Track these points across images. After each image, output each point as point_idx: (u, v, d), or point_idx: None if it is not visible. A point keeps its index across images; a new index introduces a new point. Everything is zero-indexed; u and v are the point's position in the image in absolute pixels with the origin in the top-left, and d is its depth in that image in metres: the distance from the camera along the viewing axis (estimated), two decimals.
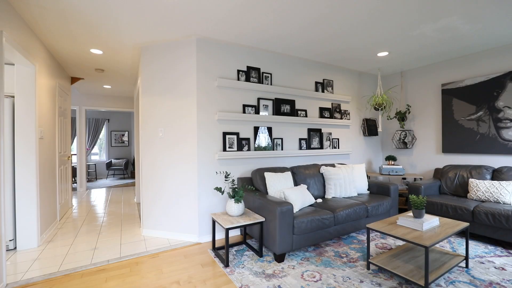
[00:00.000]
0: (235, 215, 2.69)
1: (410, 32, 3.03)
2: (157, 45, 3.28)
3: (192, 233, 3.13)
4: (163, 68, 3.26)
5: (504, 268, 2.38)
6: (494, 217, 2.75)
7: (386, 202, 3.31)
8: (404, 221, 2.34)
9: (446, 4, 2.44)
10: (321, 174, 3.56)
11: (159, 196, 3.27)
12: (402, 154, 4.73)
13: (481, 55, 3.72)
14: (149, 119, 3.32)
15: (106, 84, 5.47)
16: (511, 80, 3.41)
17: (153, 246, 2.98)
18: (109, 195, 5.93)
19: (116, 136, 9.22)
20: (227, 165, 3.29)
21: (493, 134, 3.57)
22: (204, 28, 2.87)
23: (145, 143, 3.34)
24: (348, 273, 2.31)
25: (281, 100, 3.72)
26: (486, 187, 3.16)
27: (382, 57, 3.92)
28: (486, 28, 2.95)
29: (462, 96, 3.88)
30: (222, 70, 3.29)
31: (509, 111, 3.43)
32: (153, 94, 3.30)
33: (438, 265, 2.22)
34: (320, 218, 2.70)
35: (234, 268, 2.44)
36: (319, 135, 4.12)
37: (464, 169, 3.56)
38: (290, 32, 3.00)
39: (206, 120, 3.16)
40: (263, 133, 3.55)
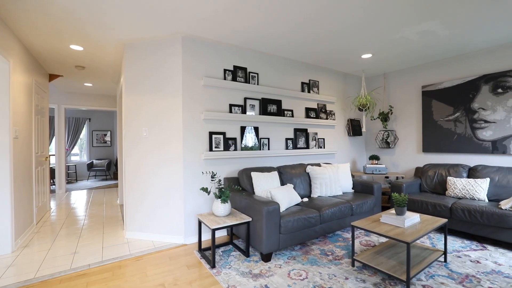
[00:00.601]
0: (221, 215, 2.67)
1: (392, 35, 3.13)
2: (141, 42, 3.20)
3: (178, 235, 3.08)
4: (147, 66, 3.18)
5: (479, 261, 2.50)
6: (470, 213, 2.89)
7: (370, 200, 3.39)
8: (387, 219, 2.41)
9: (427, 10, 2.54)
10: (307, 174, 3.60)
11: (143, 197, 3.19)
12: (385, 154, 4.87)
13: (458, 58, 3.89)
14: (132, 118, 3.23)
15: (87, 82, 5.28)
16: (485, 83, 3.59)
17: (137, 249, 2.90)
18: (91, 197, 5.72)
19: (98, 136, 8.92)
20: (213, 165, 3.26)
21: (469, 134, 3.75)
22: (190, 26, 2.83)
23: (129, 143, 3.25)
24: (334, 271, 2.35)
25: (268, 100, 3.73)
26: (463, 184, 3.31)
27: (366, 59, 4.02)
28: (463, 33, 3.09)
29: (441, 98, 4.05)
30: (208, 69, 3.25)
31: (484, 113, 3.61)
32: (137, 93, 3.21)
33: (419, 260, 2.30)
34: (306, 217, 2.73)
35: (220, 269, 2.42)
36: (305, 135, 4.17)
37: (442, 168, 3.71)
38: (277, 33, 3.02)
39: (192, 119, 3.12)
40: (250, 133, 3.55)
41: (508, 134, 3.40)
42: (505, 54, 3.44)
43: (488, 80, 3.56)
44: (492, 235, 2.77)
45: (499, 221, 2.69)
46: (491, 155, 3.57)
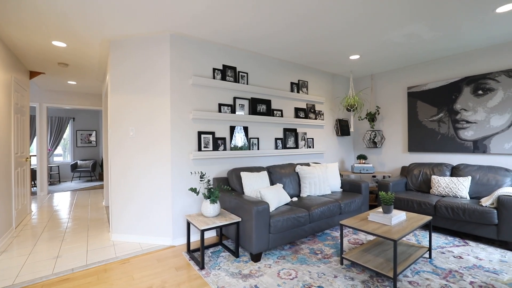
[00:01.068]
0: (210, 216, 2.64)
1: (380, 37, 3.19)
2: (128, 40, 3.12)
3: (166, 236, 3.02)
4: (134, 64, 3.11)
5: (461, 256, 2.58)
6: (453, 210, 2.98)
7: (358, 199, 3.44)
8: (375, 217, 2.45)
9: (412, 13, 2.60)
10: (297, 173, 3.62)
11: (130, 199, 3.11)
12: (372, 153, 4.97)
13: (441, 61, 4.02)
14: (119, 117, 3.15)
15: (70, 80, 5.10)
16: (467, 85, 3.72)
17: (123, 252, 2.82)
18: (75, 199, 5.54)
19: (83, 135, 8.65)
20: (202, 165, 3.22)
21: (452, 134, 3.88)
22: (178, 24, 2.79)
23: (115, 143, 3.16)
24: (323, 269, 2.36)
25: (257, 100, 3.72)
26: (446, 183, 3.41)
27: (354, 60, 4.08)
28: (446, 36, 3.19)
29: (425, 99, 4.16)
30: (197, 68, 3.21)
31: (465, 113, 3.74)
32: (123, 92, 3.13)
33: (405, 257, 2.35)
34: (295, 216, 2.74)
35: (210, 270, 2.39)
36: (295, 135, 4.19)
37: (427, 167, 3.82)
38: (266, 32, 3.01)
39: (180, 119, 3.07)
40: (239, 133, 3.53)
41: (488, 134, 3.54)
42: (485, 57, 3.58)
43: (470, 82, 3.69)
44: (474, 231, 2.87)
45: (480, 218, 2.79)
46: (473, 154, 3.71)
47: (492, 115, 3.50)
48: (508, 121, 3.37)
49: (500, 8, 2.55)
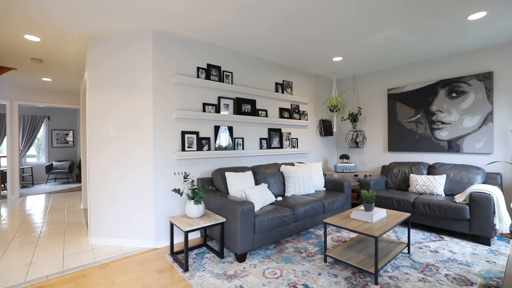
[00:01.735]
0: (195, 217, 2.60)
1: (361, 39, 3.28)
2: (108, 36, 3.01)
3: (148, 239, 2.94)
4: (115, 61, 3.00)
5: (437, 251, 2.70)
6: (429, 207, 3.12)
7: (340, 197, 3.52)
8: (357, 215, 2.51)
9: (392, 17, 2.69)
10: (281, 173, 3.65)
11: (110, 200, 3.00)
12: (354, 153, 5.10)
13: (419, 64, 4.20)
14: (98, 116, 3.02)
15: (45, 76, 4.85)
16: (442, 87, 3.91)
17: (103, 256, 2.71)
18: (50, 202, 5.26)
19: (59, 135, 8.24)
20: (186, 165, 3.17)
21: (428, 134, 4.06)
22: (161, 21, 2.72)
23: (94, 142, 3.03)
24: (307, 267, 2.39)
25: (242, 100, 3.71)
26: (423, 181, 3.57)
27: (337, 62, 4.17)
28: (423, 41, 3.34)
29: (404, 100, 4.33)
30: (180, 66, 3.15)
31: (441, 115, 3.93)
32: (103, 90, 3.01)
33: (385, 252, 2.43)
34: (280, 215, 2.76)
35: (194, 272, 2.35)
36: (279, 135, 4.22)
37: (406, 166, 3.98)
38: (252, 32, 3.01)
39: (163, 118, 3.00)
40: (224, 133, 3.51)
41: (461, 134, 3.74)
42: (459, 62, 3.78)
43: (444, 85, 3.88)
44: (448, 227, 3.02)
45: (454, 214, 2.94)
46: (447, 154, 3.90)
47: (465, 116, 3.70)
48: (479, 122, 3.58)
49: (472, 16, 2.70)
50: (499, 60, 3.45)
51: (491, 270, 2.30)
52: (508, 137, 3.38)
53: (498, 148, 3.46)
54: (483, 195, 2.81)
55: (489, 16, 2.70)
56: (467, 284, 2.09)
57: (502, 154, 3.43)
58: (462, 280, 2.14)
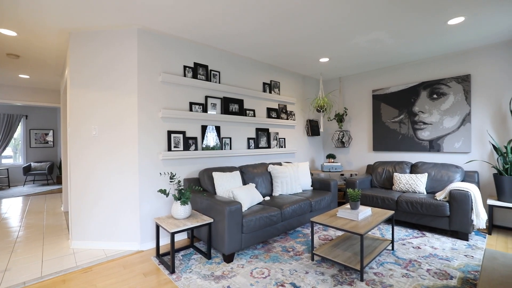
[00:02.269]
0: (181, 218, 2.56)
1: (347, 41, 3.34)
2: (91, 32, 2.91)
3: (133, 241, 2.86)
4: (98, 58, 2.90)
5: (419, 247, 2.79)
6: (412, 205, 3.22)
7: (327, 196, 3.57)
8: (343, 213, 2.55)
9: (376, 20, 2.76)
10: (269, 173, 3.66)
11: (93, 202, 2.90)
12: (341, 153, 5.19)
13: (402, 66, 4.33)
14: (80, 115, 2.91)
15: (22, 73, 4.62)
16: (424, 89, 4.05)
17: (85, 260, 2.62)
18: (28, 205, 5.03)
19: (37, 135, 7.89)
20: (172, 165, 3.11)
21: (411, 134, 4.19)
22: (146, 17, 2.66)
23: (75, 142, 2.92)
24: (295, 266, 2.41)
25: (230, 99, 3.69)
26: (406, 179, 3.68)
27: (323, 63, 4.23)
28: (406, 44, 3.44)
29: (388, 101, 4.45)
30: (167, 64, 3.09)
31: (422, 115, 4.07)
32: (85, 87, 2.91)
33: (371, 250, 2.49)
34: (268, 215, 2.76)
35: (180, 273, 2.31)
36: (267, 134, 4.23)
37: (390, 165, 4.08)
38: (239, 31, 3.00)
39: (148, 117, 2.93)
40: (211, 132, 3.47)
41: (441, 134, 3.88)
42: (439, 65, 3.93)
43: (426, 87, 4.02)
44: (430, 223, 3.13)
45: (435, 211, 3.05)
46: (429, 153, 4.04)
47: (445, 117, 3.85)
48: (458, 123, 3.73)
49: (451, 21, 2.81)
50: (476, 63, 3.61)
51: (469, 264, 2.40)
52: (484, 137, 3.55)
53: (475, 148, 3.62)
54: (461, 193, 2.93)
55: (467, 21, 2.82)
56: (447, 278, 2.17)
57: (479, 153, 3.59)
58: (443, 275, 2.22)
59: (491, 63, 3.49)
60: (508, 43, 3.36)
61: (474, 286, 2.04)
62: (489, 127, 3.51)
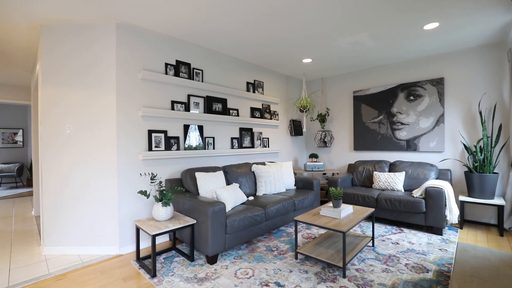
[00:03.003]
0: (163, 219, 2.48)
1: (330, 43, 3.40)
2: (65, 26, 2.75)
3: (112, 245, 2.74)
4: (72, 52, 2.75)
5: (398, 242, 2.90)
6: (391, 202, 3.34)
7: (310, 195, 3.62)
8: (326, 211, 2.59)
9: (358, 23, 2.83)
10: (253, 172, 3.64)
11: (67, 205, 2.74)
12: (323, 152, 5.29)
13: (382, 69, 4.48)
14: (53, 113, 2.75)
15: None
16: (401, 91, 4.21)
17: (58, 266, 2.47)
18: None
19: (5, 135, 7.38)
20: (153, 165, 3.02)
21: (389, 134, 4.35)
22: (125, 12, 2.56)
23: (48, 142, 2.75)
24: (279, 265, 2.41)
25: (213, 98, 3.64)
26: (385, 178, 3.81)
27: (306, 63, 4.29)
28: (385, 47, 3.56)
29: (368, 102, 4.59)
30: (147, 61, 2.99)
31: (400, 116, 4.23)
32: (58, 84, 2.74)
33: (352, 247, 2.54)
34: (252, 215, 2.75)
35: (162, 277, 2.24)
36: (251, 134, 4.21)
37: (370, 164, 4.21)
38: (223, 30, 2.96)
39: (128, 115, 2.82)
40: (194, 132, 3.41)
41: (417, 134, 4.06)
42: (416, 68, 4.10)
43: (403, 89, 4.19)
44: (407, 220, 3.25)
45: (412, 207, 3.18)
46: (406, 152, 4.21)
47: (421, 118, 4.02)
48: (433, 123, 3.91)
49: (427, 26, 2.94)
50: (449, 67, 3.81)
51: (443, 257, 2.52)
52: (456, 137, 3.75)
53: (448, 147, 3.81)
54: (436, 190, 3.07)
55: (441, 27, 2.96)
56: (424, 271, 2.26)
57: (451, 152, 3.79)
58: (420, 268, 2.31)
59: (463, 67, 3.70)
60: (477, 49, 3.58)
61: (448, 278, 2.15)
62: (460, 127, 3.72)
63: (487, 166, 3.23)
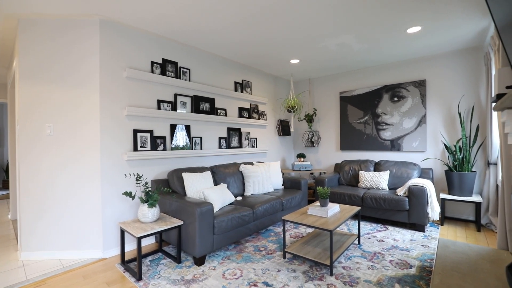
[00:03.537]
0: (149, 221, 2.42)
1: (317, 43, 3.44)
2: (44, 20, 2.63)
3: (95, 248, 2.65)
4: (53, 49, 2.64)
5: (383, 240, 2.97)
6: (376, 201, 3.42)
7: (298, 195, 3.65)
8: (313, 210, 2.62)
9: (345, 25, 2.87)
10: (241, 173, 3.63)
11: (47, 208, 2.63)
12: (310, 152, 5.34)
13: (367, 70, 4.58)
14: (31, 112, 2.63)
15: None
16: (386, 92, 4.33)
17: (37, 272, 2.36)
18: None
19: None
20: (139, 166, 2.95)
21: (374, 134, 4.45)
22: (109, 7, 2.48)
23: (26, 142, 2.62)
24: (267, 265, 2.42)
25: (201, 98, 3.60)
26: (371, 177, 3.90)
27: (294, 64, 4.32)
28: (371, 49, 3.64)
29: (354, 103, 4.68)
30: (132, 59, 2.92)
31: (385, 117, 4.34)
32: (37, 81, 2.63)
33: (339, 245, 2.58)
34: (240, 215, 2.74)
35: (148, 280, 2.19)
36: (239, 134, 4.20)
37: (355, 163, 4.30)
38: (210, 28, 2.93)
39: (112, 115, 2.74)
40: (181, 132, 3.35)
41: (401, 134, 4.18)
42: (400, 69, 4.22)
43: (388, 90, 4.30)
44: (392, 217, 3.34)
45: (396, 205, 3.27)
46: (390, 152, 4.33)
47: (404, 118, 4.15)
48: (415, 124, 4.04)
49: (410, 29, 3.03)
50: (430, 69, 3.95)
51: (425, 253, 2.60)
52: (437, 137, 3.89)
53: (430, 147, 3.95)
54: (419, 188, 3.17)
55: (423, 30, 3.06)
56: (407, 267, 2.33)
57: (433, 151, 3.93)
58: (403, 264, 2.38)
59: (443, 70, 3.84)
60: (457, 53, 3.73)
61: (430, 273, 2.22)
62: (441, 128, 3.86)
63: (466, 165, 3.37)
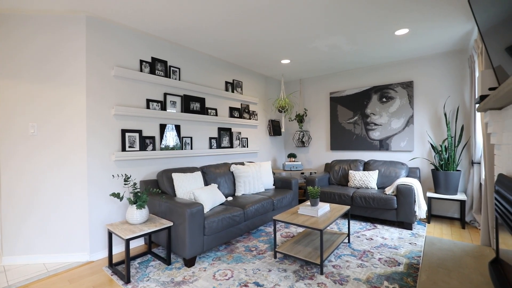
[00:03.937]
0: (137, 222, 2.38)
1: (308, 44, 3.46)
2: (27, 16, 2.54)
3: (81, 251, 2.58)
4: (37, 46, 2.55)
5: (372, 238, 3.02)
6: (365, 200, 3.47)
7: (288, 195, 3.66)
8: (304, 210, 2.63)
9: (335, 26, 2.90)
10: (232, 173, 3.62)
11: (30, 210, 2.54)
12: (301, 152, 5.38)
13: (357, 71, 4.65)
14: (13, 111, 2.53)
15: None
16: (375, 93, 4.40)
17: (20, 277, 2.28)
18: None
19: None
20: (127, 166, 2.89)
21: (364, 134, 4.52)
22: (96, 4, 2.42)
23: (7, 142, 2.53)
24: (258, 265, 2.41)
25: (191, 97, 3.56)
26: (360, 176, 3.95)
27: (285, 64, 4.34)
28: (360, 50, 3.70)
29: (344, 103, 4.74)
30: (121, 58, 2.86)
31: (374, 117, 4.42)
32: (19, 78, 2.53)
33: (329, 244, 2.61)
34: (231, 215, 2.72)
35: (137, 283, 2.15)
36: (229, 134, 4.18)
37: (345, 163, 4.35)
38: (200, 26, 2.91)
39: (99, 114, 2.68)
40: (171, 132, 3.31)
41: (389, 134, 4.26)
42: (388, 71, 4.31)
43: (377, 91, 4.38)
44: (381, 216, 3.40)
45: (384, 204, 3.33)
46: (379, 152, 4.40)
47: (393, 119, 4.23)
48: (403, 124, 4.13)
49: (398, 31, 3.09)
50: (418, 71, 4.04)
51: (413, 251, 2.66)
52: (424, 137, 3.98)
53: (417, 146, 4.04)
54: (406, 187, 3.24)
55: (410, 32, 3.13)
56: (396, 265, 2.37)
57: (420, 151, 4.02)
58: (392, 262, 2.43)
59: (430, 71, 3.94)
60: (443, 55, 3.83)
61: (417, 270, 2.27)
62: (428, 128, 3.96)
63: (451, 164, 3.47)
